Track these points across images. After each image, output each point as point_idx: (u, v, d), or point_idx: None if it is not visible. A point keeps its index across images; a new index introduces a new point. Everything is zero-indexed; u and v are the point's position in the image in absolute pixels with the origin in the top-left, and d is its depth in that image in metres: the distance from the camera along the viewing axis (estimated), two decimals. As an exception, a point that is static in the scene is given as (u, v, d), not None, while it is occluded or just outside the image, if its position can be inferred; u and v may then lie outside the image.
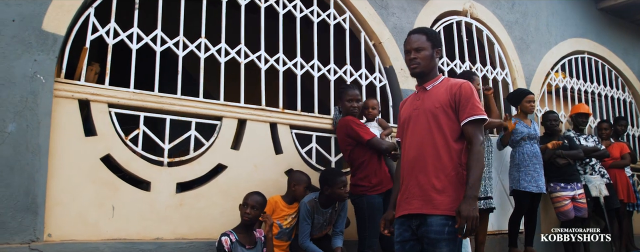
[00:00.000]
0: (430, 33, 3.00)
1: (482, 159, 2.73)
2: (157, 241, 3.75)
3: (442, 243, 2.68)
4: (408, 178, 2.87)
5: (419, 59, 2.90)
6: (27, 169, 3.35)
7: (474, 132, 2.78)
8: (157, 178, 3.89)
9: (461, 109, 2.81)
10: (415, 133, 2.90)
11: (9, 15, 3.43)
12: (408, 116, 2.98)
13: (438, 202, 2.73)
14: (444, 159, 2.78)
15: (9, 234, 3.25)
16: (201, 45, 4.24)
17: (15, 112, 3.35)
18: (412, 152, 2.89)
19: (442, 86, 2.91)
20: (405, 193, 2.86)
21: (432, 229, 2.70)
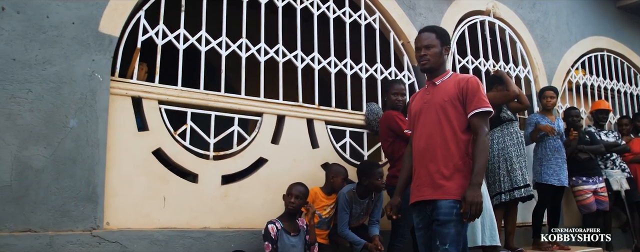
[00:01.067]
0: (439, 31, 3.15)
1: (487, 149, 2.88)
2: (205, 230, 3.93)
3: (450, 224, 2.83)
4: (419, 167, 3.04)
5: (428, 56, 3.06)
6: (87, 161, 3.54)
7: (480, 123, 2.92)
8: (204, 171, 4.07)
9: (468, 102, 2.95)
10: (426, 125, 3.05)
11: (69, 18, 3.62)
12: (419, 109, 3.13)
13: (446, 188, 2.88)
14: (451, 149, 2.93)
15: (72, 221, 3.45)
16: (242, 45, 4.41)
17: (76, 109, 3.55)
18: (422, 142, 3.04)
19: (451, 81, 3.06)
20: (417, 181, 3.04)
21: (442, 211, 2.85)
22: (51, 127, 3.46)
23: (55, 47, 3.54)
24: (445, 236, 2.83)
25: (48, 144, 3.43)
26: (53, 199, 3.40)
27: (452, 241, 2.82)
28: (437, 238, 2.86)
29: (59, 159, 3.45)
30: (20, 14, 3.47)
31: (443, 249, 2.82)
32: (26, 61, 3.44)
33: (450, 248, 2.82)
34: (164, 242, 3.70)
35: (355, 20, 5.12)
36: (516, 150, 4.95)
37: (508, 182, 4.91)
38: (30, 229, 3.31)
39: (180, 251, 3.72)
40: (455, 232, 2.84)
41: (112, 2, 3.79)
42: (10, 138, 3.32)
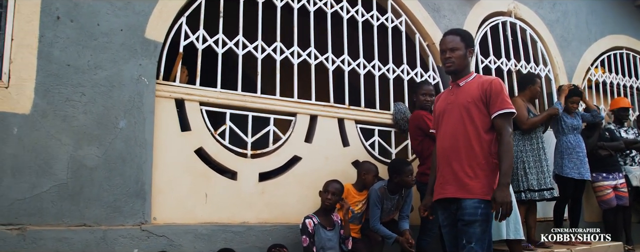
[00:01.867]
0: (463, 34, 3.21)
1: (511, 150, 2.94)
2: (245, 225, 4.09)
3: (475, 224, 2.91)
4: (443, 166, 3.10)
5: (453, 58, 3.12)
6: (136, 160, 3.72)
7: (504, 124, 2.98)
8: (242, 168, 4.24)
9: (492, 103, 3.00)
10: (450, 125, 3.11)
11: (117, 25, 3.80)
12: (443, 110, 3.19)
13: (470, 187, 2.95)
14: (475, 149, 2.98)
15: (123, 217, 3.63)
16: (276, 48, 4.56)
17: (125, 111, 3.73)
18: (446, 142, 3.10)
19: (474, 82, 3.11)
20: (440, 179, 3.11)
21: (467, 211, 2.93)
22: (103, 128, 3.64)
23: (105, 53, 3.72)
24: (471, 235, 2.91)
25: (100, 144, 3.61)
26: (105, 195, 3.59)
27: (478, 239, 2.90)
28: (463, 237, 2.94)
29: (110, 158, 3.63)
30: (74, 22, 3.65)
31: (469, 248, 2.90)
32: (79, 66, 3.62)
33: (476, 247, 2.90)
34: (207, 236, 3.87)
35: (382, 23, 5.25)
36: (535, 155, 5.00)
37: (525, 182, 5.00)
38: (85, 224, 3.50)
39: (222, 244, 3.88)
40: (481, 231, 2.92)
41: (157, 10, 3.96)
42: (66, 138, 3.51)
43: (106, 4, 3.77)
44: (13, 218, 3.30)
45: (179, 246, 3.72)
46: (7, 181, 3.31)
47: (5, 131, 3.34)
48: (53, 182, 3.44)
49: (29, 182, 3.37)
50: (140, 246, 3.62)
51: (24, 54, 3.46)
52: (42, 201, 3.39)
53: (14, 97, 3.40)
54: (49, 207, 3.40)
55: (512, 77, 6.13)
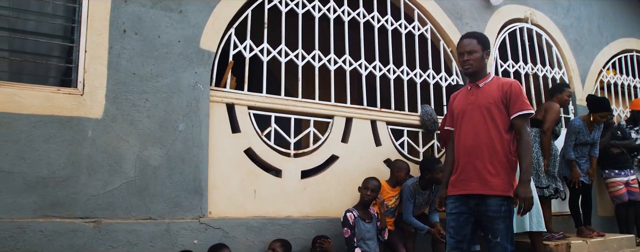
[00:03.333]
0: (480, 37, 3.30)
1: (531, 148, 3.07)
2: (289, 218, 4.36)
3: (499, 220, 3.05)
4: (464, 163, 3.18)
5: (471, 60, 3.23)
6: (193, 160, 4.01)
7: (523, 124, 3.09)
8: (286, 167, 4.51)
9: (511, 104, 3.11)
10: (471, 124, 3.19)
11: (176, 37, 4.09)
12: (462, 109, 3.27)
13: (493, 184, 3.05)
14: (497, 148, 3.08)
15: (183, 211, 3.92)
16: (315, 56, 4.84)
17: (183, 115, 4.02)
18: (469, 140, 3.18)
19: (494, 84, 3.20)
20: (462, 175, 3.18)
21: (491, 208, 3.05)
22: (164, 131, 3.93)
23: (165, 63, 4.01)
24: (496, 231, 3.06)
25: (162, 145, 3.91)
26: (167, 192, 3.88)
27: (503, 234, 3.05)
28: (489, 233, 3.10)
29: (171, 158, 3.92)
30: (138, 34, 3.94)
31: (495, 242, 3.06)
32: (143, 75, 3.91)
33: (502, 242, 3.05)
34: (258, 229, 4.15)
35: (410, 31, 5.50)
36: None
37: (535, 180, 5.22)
38: (151, 217, 3.79)
39: (271, 236, 4.16)
40: (505, 226, 3.06)
41: (210, 22, 4.24)
42: (133, 140, 3.80)
43: (165, 18, 4.06)
44: (89, 212, 3.60)
45: (233, 237, 4.01)
46: (83, 179, 3.61)
47: (81, 133, 3.64)
48: (123, 180, 3.73)
49: (102, 179, 3.67)
50: (199, 237, 3.91)
51: (95, 64, 3.76)
52: (113, 196, 3.69)
53: (88, 104, 3.69)
54: (119, 203, 3.70)
55: (529, 80, 6.37)
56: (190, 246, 3.84)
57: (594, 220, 6.14)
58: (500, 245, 3.05)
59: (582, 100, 6.76)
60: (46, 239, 3.41)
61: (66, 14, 3.94)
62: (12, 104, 3.47)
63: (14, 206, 3.39)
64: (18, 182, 3.42)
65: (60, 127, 3.58)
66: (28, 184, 3.44)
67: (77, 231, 3.51)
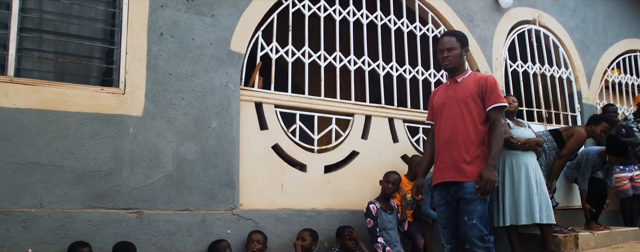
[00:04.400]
0: (459, 35, 3.46)
1: (502, 138, 3.24)
2: (315, 210, 4.60)
3: (476, 202, 3.19)
4: (442, 153, 3.36)
5: (450, 57, 3.37)
6: (226, 155, 4.25)
7: (497, 116, 3.26)
8: (311, 162, 4.75)
9: (487, 97, 3.28)
10: (449, 117, 3.36)
11: (208, 40, 4.33)
12: (441, 103, 3.45)
13: (468, 171, 3.22)
14: (472, 138, 3.25)
15: (217, 203, 4.16)
16: (336, 57, 5.08)
17: (216, 112, 4.26)
18: (446, 132, 3.36)
19: (471, 79, 3.37)
20: (440, 165, 3.36)
21: (468, 191, 3.21)
22: (199, 128, 4.17)
23: (199, 64, 4.26)
24: (472, 212, 3.19)
25: (197, 141, 4.15)
26: (203, 185, 4.12)
27: (478, 216, 3.19)
28: (464, 215, 3.23)
29: (205, 153, 4.17)
30: (173, 37, 4.19)
31: (471, 224, 3.19)
32: (179, 75, 4.16)
33: (477, 222, 3.18)
34: (285, 220, 4.40)
35: (424, 33, 5.75)
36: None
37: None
38: (187, 209, 4.04)
39: (298, 226, 4.40)
40: (481, 208, 3.20)
41: (239, 26, 4.49)
42: (170, 136, 4.05)
43: (199, 22, 4.31)
44: (132, 203, 3.84)
45: (263, 227, 4.25)
46: (126, 172, 3.85)
47: (124, 130, 3.89)
48: (162, 174, 3.98)
49: (143, 173, 3.92)
50: (232, 227, 4.15)
51: (135, 65, 4.01)
52: (153, 189, 3.93)
53: (129, 102, 3.94)
54: (159, 195, 3.95)
55: (537, 79, 6.61)
56: (224, 235, 4.08)
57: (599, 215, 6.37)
58: (476, 227, 3.17)
59: (588, 99, 7.01)
60: (94, 228, 3.66)
61: (106, 18, 4.19)
62: (61, 102, 3.72)
63: (64, 197, 3.64)
64: (67, 175, 3.67)
65: (105, 124, 3.83)
66: (76, 177, 3.69)
67: (121, 220, 3.76)
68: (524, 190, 5.00)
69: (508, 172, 5.11)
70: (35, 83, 3.68)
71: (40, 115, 3.64)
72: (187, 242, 3.96)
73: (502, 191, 5.10)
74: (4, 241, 3.40)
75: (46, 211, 3.55)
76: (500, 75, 6.15)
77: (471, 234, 3.19)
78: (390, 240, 4.38)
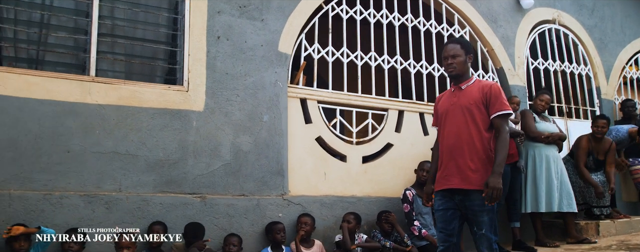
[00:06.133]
0: (463, 42, 3.49)
1: (507, 145, 3.22)
2: (354, 197, 5.13)
3: (484, 213, 3.20)
4: (447, 160, 3.34)
5: (455, 64, 3.37)
6: (276, 146, 4.79)
7: (502, 123, 3.25)
8: (350, 153, 5.28)
9: (491, 105, 3.27)
10: (453, 124, 3.34)
11: (259, 42, 4.88)
12: (445, 110, 3.44)
13: (473, 179, 3.20)
14: (477, 145, 3.24)
15: (268, 189, 4.70)
16: (371, 57, 5.61)
17: (267, 107, 4.81)
18: (451, 140, 3.34)
19: (475, 86, 3.37)
20: (445, 172, 3.35)
21: (476, 202, 3.20)
22: (252, 121, 4.72)
23: (251, 64, 4.81)
24: (481, 223, 3.21)
25: (251, 133, 4.70)
26: (256, 173, 4.67)
27: (487, 226, 3.21)
28: (474, 225, 3.25)
29: (258, 145, 4.71)
30: (229, 40, 4.75)
31: (480, 234, 3.22)
32: (234, 74, 4.71)
33: (487, 233, 3.20)
34: (329, 205, 4.93)
35: (451, 33, 6.26)
36: None
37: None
38: (244, 194, 4.58)
39: (341, 211, 4.92)
40: (489, 219, 3.22)
41: (286, 29, 5.03)
42: (228, 129, 4.60)
43: (250, 26, 4.87)
44: (196, 189, 4.40)
45: (310, 211, 4.77)
46: (190, 161, 4.41)
47: (188, 123, 4.45)
48: (221, 162, 4.53)
49: (205, 162, 4.47)
50: (283, 211, 4.69)
51: (196, 65, 4.57)
52: (214, 176, 4.49)
53: (192, 98, 4.50)
54: (219, 181, 4.50)
55: (557, 76, 7.09)
56: (276, 218, 4.62)
57: (619, 205, 6.85)
58: (485, 236, 3.20)
59: (606, 94, 7.47)
60: (165, 210, 4.22)
61: (169, 24, 4.76)
62: (134, 99, 4.28)
63: (139, 182, 4.20)
64: (141, 163, 4.23)
65: (172, 118, 4.39)
66: (149, 165, 4.25)
67: (188, 204, 4.32)
68: (544, 180, 5.52)
69: (530, 163, 5.64)
70: (113, 82, 4.26)
71: (118, 110, 4.21)
72: (244, 223, 4.50)
73: (524, 180, 5.63)
74: (90, 220, 3.97)
75: (124, 194, 4.12)
76: (523, 72, 6.63)
77: (480, 245, 3.24)
78: (425, 223, 4.90)
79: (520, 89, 6.50)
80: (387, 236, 4.79)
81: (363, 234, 4.79)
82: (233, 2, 4.82)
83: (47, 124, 3.98)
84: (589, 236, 5.82)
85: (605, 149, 6.09)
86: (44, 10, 4.35)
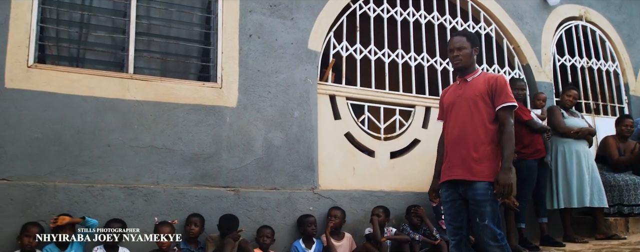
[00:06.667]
0: (469, 35, 3.48)
1: (513, 138, 3.21)
2: (383, 191, 5.23)
3: (486, 203, 3.17)
4: (451, 152, 3.36)
5: (460, 56, 3.37)
6: (306, 141, 4.93)
7: (507, 116, 3.24)
8: (378, 148, 5.39)
9: (496, 97, 3.26)
10: (459, 116, 3.35)
11: (289, 40, 5.02)
12: (451, 102, 3.45)
13: (477, 170, 3.20)
14: (481, 137, 3.24)
15: (300, 183, 4.84)
16: (399, 54, 5.72)
17: (297, 104, 4.94)
18: (455, 131, 3.36)
19: (481, 78, 3.37)
20: (449, 163, 3.38)
21: (479, 192, 3.18)
22: (283, 117, 4.86)
23: (282, 61, 4.95)
24: (483, 214, 3.18)
25: (282, 129, 4.84)
26: (287, 167, 4.80)
27: (490, 217, 3.17)
28: (476, 216, 3.21)
29: (289, 140, 4.85)
30: (260, 38, 4.90)
31: (483, 225, 3.18)
32: (266, 71, 4.86)
33: (489, 224, 3.17)
34: (358, 199, 5.05)
35: (477, 31, 6.33)
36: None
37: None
38: (275, 188, 4.72)
39: (370, 205, 5.03)
40: (491, 209, 3.18)
41: (315, 27, 5.17)
42: (260, 125, 4.75)
43: (280, 24, 5.01)
44: (230, 182, 4.55)
45: (340, 205, 4.90)
46: (224, 156, 4.57)
47: (222, 119, 4.61)
48: (253, 157, 4.68)
49: (238, 156, 4.62)
50: (313, 205, 4.82)
51: (229, 63, 4.73)
52: (247, 170, 4.64)
53: (226, 95, 4.66)
54: (251, 175, 4.65)
55: (585, 73, 7.10)
56: (307, 211, 4.75)
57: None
58: (489, 227, 3.17)
59: (635, 91, 7.45)
60: (200, 202, 4.38)
61: (201, 23, 4.93)
62: (170, 95, 4.46)
63: (176, 176, 4.37)
64: (177, 157, 4.40)
65: (206, 114, 4.56)
66: (185, 159, 4.42)
67: (222, 197, 4.47)
68: (575, 175, 5.56)
69: (560, 159, 5.68)
70: (150, 79, 4.43)
71: (155, 106, 4.39)
72: (276, 216, 4.64)
73: (555, 176, 5.67)
74: (130, 211, 4.14)
75: (162, 187, 4.29)
76: (549, 69, 6.67)
77: (484, 236, 3.20)
78: (453, 217, 4.98)
79: (547, 85, 6.54)
80: (416, 230, 4.89)
81: (392, 227, 4.89)
82: (264, 2, 4.98)
83: (89, 120, 4.17)
84: (618, 232, 5.82)
85: (630, 148, 6.11)
86: (84, 10, 4.54)
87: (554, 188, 5.67)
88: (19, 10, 4.09)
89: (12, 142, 3.92)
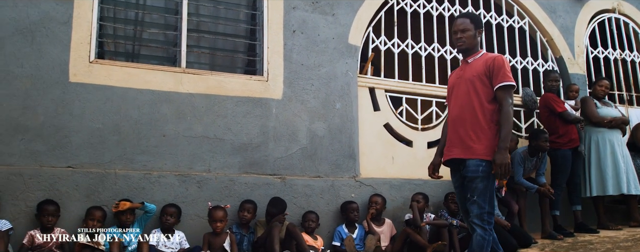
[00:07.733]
0: (473, 17, 3.44)
1: (511, 118, 3.17)
2: (420, 179, 5.34)
3: (477, 179, 3.16)
4: (451, 132, 3.38)
5: (464, 38, 3.36)
6: (348, 131, 5.08)
7: (504, 95, 3.20)
8: (416, 139, 5.51)
9: (494, 76, 3.22)
10: (458, 97, 3.36)
11: (330, 35, 5.17)
12: (453, 84, 3.47)
13: (474, 149, 3.20)
14: (479, 116, 3.22)
15: (342, 171, 4.99)
16: (434, 48, 5.83)
17: (339, 96, 5.10)
18: (455, 111, 3.37)
19: (481, 59, 3.34)
20: (448, 143, 3.40)
21: (470, 169, 3.19)
22: (326, 109, 5.02)
23: (324, 55, 5.11)
24: (473, 190, 3.18)
25: (325, 120, 5.00)
26: (330, 156, 4.96)
27: (480, 193, 3.16)
28: (467, 192, 3.24)
29: (332, 130, 5.01)
30: (303, 33, 5.06)
31: (472, 200, 3.18)
32: (309, 65, 5.02)
33: (479, 199, 3.16)
34: (398, 187, 5.18)
35: (511, 24, 6.39)
36: None
37: None
38: (319, 176, 4.89)
39: (409, 193, 5.15)
40: (482, 186, 3.17)
41: (355, 22, 5.31)
42: (304, 116, 4.92)
43: (322, 20, 5.17)
44: (276, 170, 4.73)
45: (380, 192, 5.05)
46: (271, 145, 4.75)
47: (268, 110, 4.78)
48: (298, 146, 4.85)
49: (284, 146, 4.80)
50: (355, 192, 4.98)
51: (275, 57, 4.90)
52: (292, 159, 4.81)
53: (271, 88, 4.84)
54: (296, 164, 4.82)
55: (618, 65, 7.10)
56: (349, 198, 4.90)
57: None
58: (477, 203, 3.16)
59: (668, 83, 7.42)
60: (249, 189, 4.57)
61: (247, 19, 5.12)
62: (220, 88, 4.65)
63: (226, 164, 4.56)
64: (227, 146, 4.59)
65: (254, 105, 4.74)
66: (234, 148, 4.61)
67: (270, 184, 4.66)
68: (610, 164, 5.60)
69: (593, 148, 5.73)
70: (201, 73, 4.63)
71: (206, 98, 4.58)
72: (320, 203, 4.81)
73: (588, 165, 5.72)
74: (184, 197, 4.35)
75: (213, 174, 4.49)
76: (582, 61, 6.69)
77: (471, 210, 3.21)
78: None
79: (580, 77, 6.57)
80: (453, 215, 5.00)
81: (430, 213, 5.02)
82: (306, -2, 5.15)
83: (145, 111, 4.38)
84: (651, 220, 5.85)
85: None
86: (139, 9, 4.76)
87: (587, 176, 5.73)
88: (81, 10, 4.32)
89: (76, 132, 4.15)
